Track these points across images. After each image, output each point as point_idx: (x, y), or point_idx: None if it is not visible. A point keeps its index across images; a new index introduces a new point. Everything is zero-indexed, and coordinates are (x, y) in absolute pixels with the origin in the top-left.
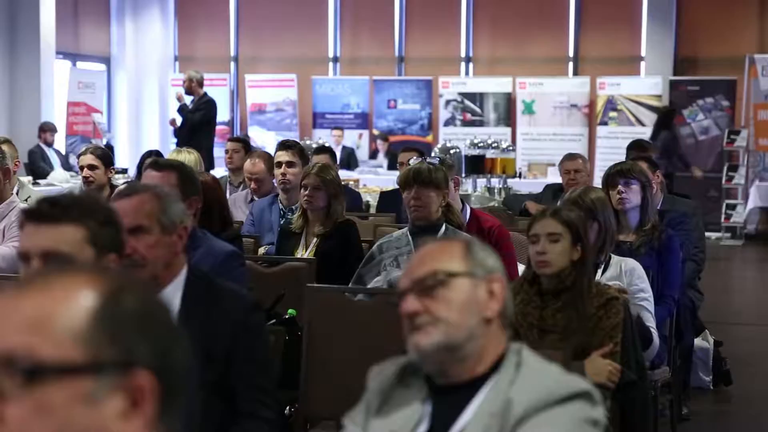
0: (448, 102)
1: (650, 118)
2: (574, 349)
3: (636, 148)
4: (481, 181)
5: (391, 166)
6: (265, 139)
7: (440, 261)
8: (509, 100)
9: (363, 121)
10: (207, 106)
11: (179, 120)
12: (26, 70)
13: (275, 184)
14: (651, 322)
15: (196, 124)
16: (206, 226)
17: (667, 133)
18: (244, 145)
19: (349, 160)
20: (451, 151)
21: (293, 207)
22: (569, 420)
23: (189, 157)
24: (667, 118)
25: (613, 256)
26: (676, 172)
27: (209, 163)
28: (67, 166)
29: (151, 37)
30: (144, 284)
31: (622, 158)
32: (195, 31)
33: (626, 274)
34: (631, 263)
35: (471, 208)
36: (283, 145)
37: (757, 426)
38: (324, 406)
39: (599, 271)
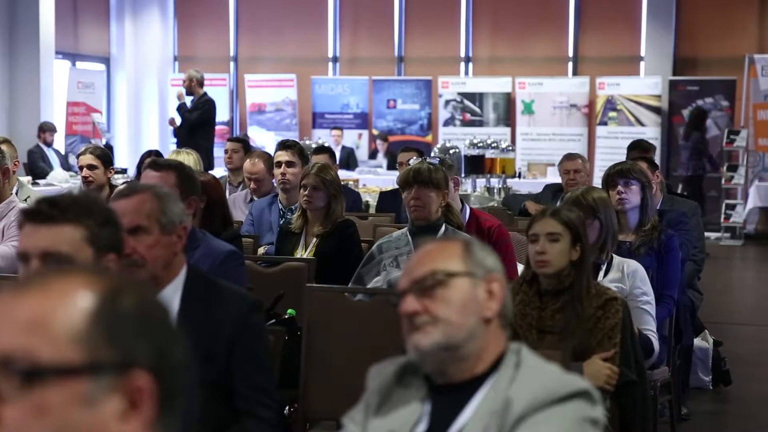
0: (447, 102)
1: (650, 118)
2: (573, 350)
3: (636, 148)
4: (481, 181)
5: (391, 166)
6: (264, 139)
7: (439, 261)
8: (509, 100)
9: (362, 121)
10: (205, 106)
11: (178, 120)
12: (26, 70)
13: (275, 184)
14: (652, 326)
15: (193, 123)
16: (208, 225)
17: (699, 135)
18: (244, 145)
19: (349, 160)
20: (451, 151)
21: (293, 207)
22: (568, 419)
23: (188, 158)
24: (698, 119)
25: (614, 256)
26: (706, 174)
27: (208, 164)
28: (66, 166)
29: (151, 37)
30: (143, 285)
31: (622, 158)
32: (194, 31)
33: (629, 277)
34: (634, 265)
35: (470, 208)
36: (283, 145)
37: (756, 426)
38: (324, 406)
39: (601, 273)
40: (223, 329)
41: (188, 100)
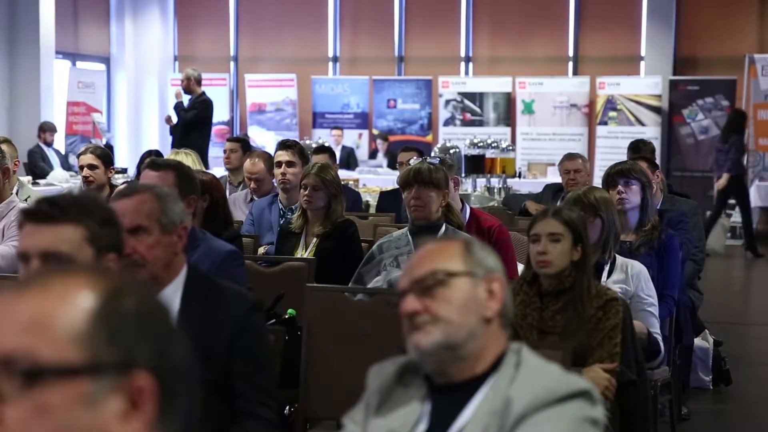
0: (447, 102)
1: (650, 117)
2: (573, 350)
3: (636, 148)
4: (481, 181)
5: (391, 166)
6: (264, 139)
7: (440, 261)
8: (509, 99)
9: (363, 120)
10: (202, 106)
11: (175, 118)
12: (26, 70)
13: (275, 184)
14: (657, 328)
15: (189, 122)
16: (210, 225)
17: (738, 137)
18: (242, 144)
19: (349, 159)
20: (451, 151)
21: (293, 207)
22: (568, 419)
23: (187, 158)
24: (737, 122)
25: (617, 257)
26: (745, 174)
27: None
28: (66, 165)
29: (151, 36)
30: (143, 285)
31: (622, 158)
32: (195, 31)
33: (633, 278)
34: (638, 267)
35: (471, 208)
36: (283, 145)
37: (757, 426)
38: (324, 406)
39: (604, 274)
40: (224, 329)
41: (186, 99)
